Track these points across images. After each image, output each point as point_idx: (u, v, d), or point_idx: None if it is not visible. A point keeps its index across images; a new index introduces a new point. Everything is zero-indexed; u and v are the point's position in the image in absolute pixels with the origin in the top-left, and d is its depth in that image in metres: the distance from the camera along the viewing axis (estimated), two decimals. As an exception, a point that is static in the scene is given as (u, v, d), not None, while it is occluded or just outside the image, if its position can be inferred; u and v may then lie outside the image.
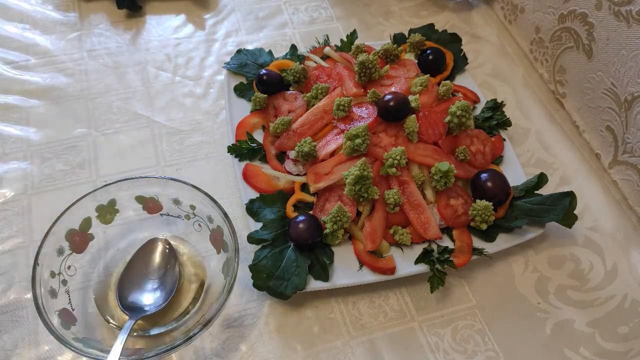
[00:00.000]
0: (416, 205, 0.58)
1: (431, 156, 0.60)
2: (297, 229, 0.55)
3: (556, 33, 0.73)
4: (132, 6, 0.81)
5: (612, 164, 0.68)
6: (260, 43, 0.80)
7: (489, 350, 0.54)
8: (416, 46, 0.73)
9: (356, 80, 0.66)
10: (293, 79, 0.67)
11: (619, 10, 0.61)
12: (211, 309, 0.48)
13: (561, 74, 0.74)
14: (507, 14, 0.85)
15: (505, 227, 0.58)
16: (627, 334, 0.56)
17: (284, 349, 0.53)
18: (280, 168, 0.62)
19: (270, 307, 0.56)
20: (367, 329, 0.55)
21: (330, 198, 0.59)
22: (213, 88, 0.74)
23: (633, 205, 0.65)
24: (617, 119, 0.65)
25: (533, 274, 0.60)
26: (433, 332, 0.55)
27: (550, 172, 0.68)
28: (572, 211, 0.58)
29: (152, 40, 0.79)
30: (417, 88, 0.66)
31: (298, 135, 0.62)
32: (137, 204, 0.55)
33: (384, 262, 0.56)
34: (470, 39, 0.83)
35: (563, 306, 0.58)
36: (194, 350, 0.52)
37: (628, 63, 0.61)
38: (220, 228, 0.52)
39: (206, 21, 0.82)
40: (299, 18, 0.85)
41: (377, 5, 0.88)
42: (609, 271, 0.61)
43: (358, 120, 0.62)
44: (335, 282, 0.54)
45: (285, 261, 0.54)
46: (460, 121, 0.62)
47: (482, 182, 0.59)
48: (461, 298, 0.58)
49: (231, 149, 0.62)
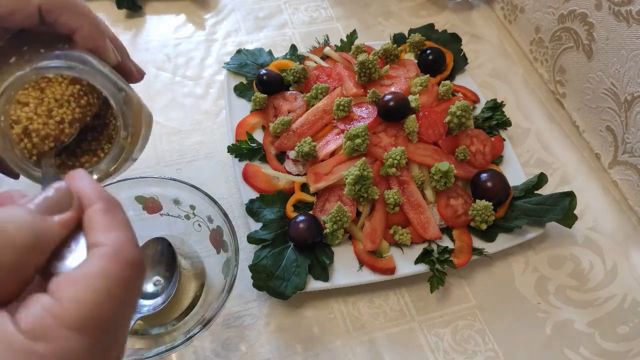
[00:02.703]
0: (416, 205, 0.58)
1: (431, 156, 0.60)
2: (297, 229, 0.55)
3: (556, 33, 0.73)
4: (132, 6, 0.81)
5: (612, 164, 0.68)
6: (260, 43, 0.80)
7: (489, 350, 0.54)
8: (416, 46, 0.73)
9: (356, 80, 0.66)
10: (293, 79, 0.67)
11: (619, 10, 0.61)
12: (211, 309, 0.48)
13: (561, 74, 0.74)
14: (507, 14, 0.85)
15: (505, 227, 0.58)
16: (627, 334, 0.56)
17: (284, 349, 0.53)
18: (280, 168, 0.62)
19: (270, 307, 0.56)
20: (367, 329, 0.55)
21: (330, 198, 0.59)
22: (213, 88, 0.74)
23: (633, 205, 0.65)
24: (617, 119, 0.65)
25: (533, 274, 0.60)
26: (433, 332, 0.55)
27: (550, 172, 0.68)
28: (572, 211, 0.58)
29: (152, 40, 0.79)
30: (417, 88, 0.66)
31: (298, 135, 0.62)
32: (137, 204, 0.55)
33: (384, 262, 0.56)
34: (470, 39, 0.83)
35: (563, 306, 0.58)
36: (194, 350, 0.52)
37: (628, 63, 0.61)
38: (220, 228, 0.52)
39: (206, 21, 0.82)
40: (299, 18, 0.85)
41: (377, 5, 0.88)
42: (609, 271, 0.61)
43: (358, 120, 0.62)
44: (335, 282, 0.54)
45: (285, 261, 0.54)
46: (460, 121, 0.62)
47: (482, 182, 0.59)
48: (461, 298, 0.58)
49: (231, 149, 0.62)
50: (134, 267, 0.26)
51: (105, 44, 0.39)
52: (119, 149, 0.37)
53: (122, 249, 0.26)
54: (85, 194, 0.28)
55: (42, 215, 0.26)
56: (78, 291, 0.24)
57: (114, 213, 0.28)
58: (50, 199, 0.27)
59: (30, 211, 0.26)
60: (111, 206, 0.28)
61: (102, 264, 0.25)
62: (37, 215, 0.26)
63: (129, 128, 0.37)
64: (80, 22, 0.37)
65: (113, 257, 0.25)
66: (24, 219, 0.25)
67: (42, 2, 0.36)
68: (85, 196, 0.28)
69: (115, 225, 0.27)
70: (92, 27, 0.38)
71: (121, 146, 0.37)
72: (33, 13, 0.36)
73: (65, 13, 0.36)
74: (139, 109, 0.38)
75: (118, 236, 0.26)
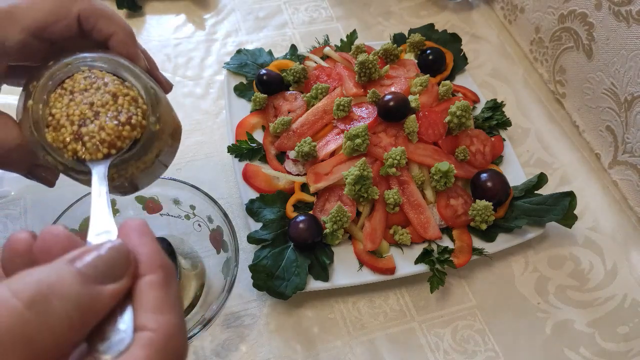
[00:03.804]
0: (416, 205, 0.58)
1: (431, 156, 0.60)
2: (297, 229, 0.55)
3: (556, 33, 0.73)
4: (132, 6, 0.81)
5: (612, 164, 0.68)
6: (260, 43, 0.80)
7: (489, 350, 0.54)
8: (416, 46, 0.73)
9: (356, 80, 0.66)
10: (293, 79, 0.67)
11: (619, 10, 0.61)
12: (211, 309, 0.48)
13: (561, 74, 0.74)
14: (507, 14, 0.85)
15: (505, 227, 0.58)
16: (627, 334, 0.56)
17: (284, 349, 0.53)
18: (280, 168, 0.62)
19: (270, 307, 0.56)
20: (367, 329, 0.55)
21: (330, 198, 0.59)
22: (213, 88, 0.74)
23: (633, 205, 0.65)
24: (617, 119, 0.65)
25: (533, 274, 0.60)
26: (433, 332, 0.55)
27: (550, 172, 0.68)
28: (572, 211, 0.58)
29: (152, 40, 0.79)
30: (417, 88, 0.66)
31: (298, 135, 0.62)
32: (137, 204, 0.55)
33: (384, 262, 0.56)
34: (470, 39, 0.83)
35: (563, 306, 0.58)
36: (194, 350, 0.52)
37: (628, 63, 0.61)
38: (220, 228, 0.52)
39: (206, 21, 0.82)
40: (299, 18, 0.85)
41: (377, 5, 0.88)
42: (609, 271, 0.61)
43: (358, 120, 0.62)
44: (335, 282, 0.54)
45: (285, 261, 0.54)
46: (460, 121, 0.62)
47: (482, 182, 0.59)
48: (461, 298, 0.58)
49: (231, 149, 0.62)
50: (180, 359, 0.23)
51: (137, 51, 0.41)
52: (148, 135, 0.37)
53: (170, 340, 0.23)
54: (142, 259, 0.25)
55: (92, 283, 0.22)
56: None
57: (168, 288, 0.24)
58: (103, 261, 0.23)
59: (79, 276, 0.22)
60: (168, 278, 0.24)
61: (146, 356, 0.22)
62: (85, 285, 0.22)
63: (157, 114, 0.37)
64: (115, 29, 0.39)
65: (160, 349, 0.22)
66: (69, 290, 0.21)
67: (81, 10, 0.37)
68: (143, 261, 0.24)
69: (168, 306, 0.24)
70: (125, 34, 0.39)
71: (150, 132, 0.37)
72: (73, 21, 0.37)
73: (101, 20, 0.38)
74: (168, 108, 0.39)
75: (169, 321, 0.23)
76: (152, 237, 0.25)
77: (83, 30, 0.38)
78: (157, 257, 0.25)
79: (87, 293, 0.22)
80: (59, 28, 0.37)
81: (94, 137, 0.34)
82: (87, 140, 0.34)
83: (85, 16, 0.38)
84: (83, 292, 0.21)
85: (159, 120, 0.37)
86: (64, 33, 0.38)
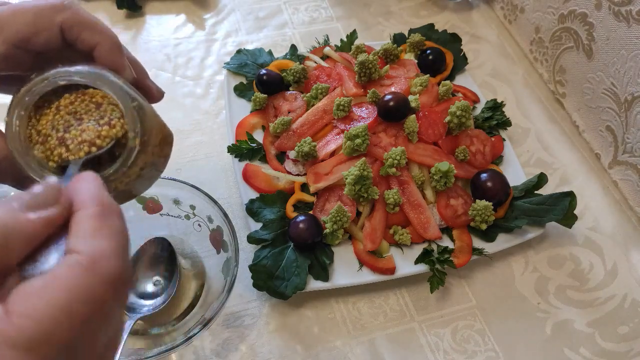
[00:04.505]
0: (416, 205, 0.58)
1: (431, 156, 0.60)
2: (297, 229, 0.55)
3: (556, 33, 0.73)
4: (132, 6, 0.81)
5: (612, 164, 0.68)
6: (260, 43, 0.80)
7: (489, 350, 0.54)
8: (416, 46, 0.73)
9: (356, 80, 0.66)
10: (293, 79, 0.67)
11: (619, 10, 0.61)
12: (211, 309, 0.48)
13: (561, 74, 0.74)
14: (507, 14, 0.85)
15: (505, 227, 0.58)
16: (627, 334, 0.56)
17: (284, 349, 0.53)
18: (280, 168, 0.62)
19: (270, 307, 0.56)
20: (367, 329, 0.55)
21: (330, 198, 0.59)
22: (213, 88, 0.74)
23: (633, 205, 0.65)
24: (617, 119, 0.65)
25: (533, 274, 0.60)
26: (433, 332, 0.55)
27: (550, 172, 0.68)
28: (572, 211, 0.58)
29: (152, 40, 0.79)
30: (417, 88, 0.66)
31: (298, 135, 0.62)
32: (137, 204, 0.55)
33: (384, 262, 0.56)
34: (470, 39, 0.83)
35: (563, 306, 0.58)
36: (194, 350, 0.52)
37: (628, 63, 0.61)
38: (220, 228, 0.52)
39: (206, 21, 0.82)
40: (299, 18, 0.85)
41: (377, 5, 0.88)
42: (609, 271, 0.61)
43: (358, 120, 0.62)
44: (335, 282, 0.54)
45: (285, 261, 0.54)
46: (460, 121, 0.62)
47: (482, 182, 0.59)
48: (461, 298, 0.58)
49: (231, 149, 0.62)
50: (110, 285, 0.23)
51: (123, 61, 0.40)
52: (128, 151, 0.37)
53: (99, 261, 0.23)
54: (80, 194, 0.25)
55: (18, 211, 0.23)
56: (32, 305, 0.21)
57: (106, 219, 0.25)
58: (36, 195, 0.24)
59: (9, 207, 0.23)
60: (106, 212, 0.25)
61: (70, 275, 0.22)
62: (13, 211, 0.23)
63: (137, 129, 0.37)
64: (99, 39, 0.38)
65: (86, 268, 0.22)
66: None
67: (64, 20, 0.36)
68: (80, 197, 0.25)
69: (102, 233, 0.24)
70: (110, 44, 0.39)
71: (130, 148, 0.37)
72: (56, 32, 0.37)
73: (86, 30, 0.37)
74: (153, 119, 0.39)
75: (100, 244, 0.23)
76: (97, 182, 0.27)
77: (67, 40, 0.38)
78: (96, 193, 0.26)
79: (11, 217, 0.23)
80: (41, 39, 0.36)
81: (76, 139, 0.36)
82: (69, 143, 0.35)
83: (68, 26, 0.37)
84: (7, 216, 0.23)
85: (143, 133, 0.37)
86: (47, 44, 0.37)
